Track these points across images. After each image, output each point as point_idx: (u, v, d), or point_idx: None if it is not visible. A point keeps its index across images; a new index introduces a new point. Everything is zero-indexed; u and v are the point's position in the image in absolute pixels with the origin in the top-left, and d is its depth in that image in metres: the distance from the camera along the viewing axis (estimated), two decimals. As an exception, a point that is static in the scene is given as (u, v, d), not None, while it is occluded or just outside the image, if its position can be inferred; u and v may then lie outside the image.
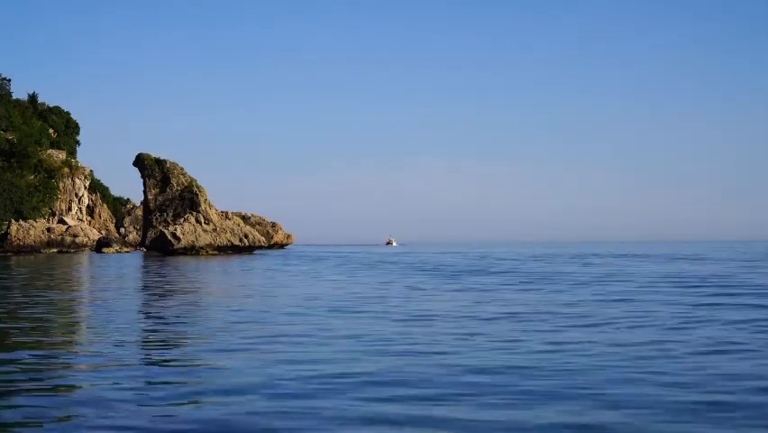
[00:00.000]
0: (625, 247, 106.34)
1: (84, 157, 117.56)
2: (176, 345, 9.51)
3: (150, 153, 72.75)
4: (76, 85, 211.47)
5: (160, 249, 64.30)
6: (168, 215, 69.36)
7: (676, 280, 23.30)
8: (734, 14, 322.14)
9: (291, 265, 39.33)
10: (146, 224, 71.37)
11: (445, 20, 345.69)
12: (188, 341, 9.83)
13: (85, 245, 77.61)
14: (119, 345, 9.48)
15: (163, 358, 8.55)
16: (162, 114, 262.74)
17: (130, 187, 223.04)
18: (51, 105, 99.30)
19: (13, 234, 73.07)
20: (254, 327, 11.21)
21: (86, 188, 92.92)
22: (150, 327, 11.50)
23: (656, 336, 10.15)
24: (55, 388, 6.92)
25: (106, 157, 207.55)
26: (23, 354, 8.77)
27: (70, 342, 9.93)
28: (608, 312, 13.24)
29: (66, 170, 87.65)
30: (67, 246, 76.16)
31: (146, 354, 8.91)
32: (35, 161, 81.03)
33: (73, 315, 13.62)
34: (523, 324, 11.60)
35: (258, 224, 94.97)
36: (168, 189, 70.72)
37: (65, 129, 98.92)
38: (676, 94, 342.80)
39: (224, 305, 14.95)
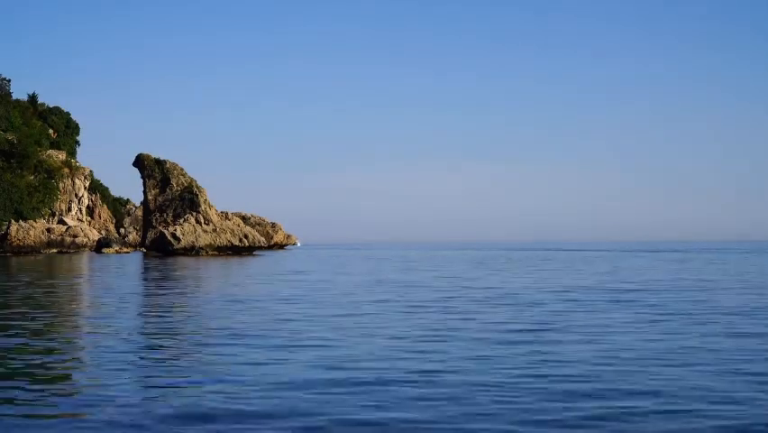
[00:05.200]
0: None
1: (84, 157, 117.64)
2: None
3: (150, 153, 72.69)
4: (76, 85, 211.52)
5: (159, 249, 64.28)
6: (168, 215, 69.29)
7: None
8: (735, 13, 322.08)
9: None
10: (146, 224, 71.31)
11: (444, 20, 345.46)
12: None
13: (85, 246, 77.54)
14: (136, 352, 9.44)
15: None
16: (162, 114, 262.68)
17: (130, 187, 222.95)
18: (51, 106, 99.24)
19: (13, 234, 73.01)
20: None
21: (85, 188, 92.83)
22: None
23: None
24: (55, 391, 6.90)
25: (106, 157, 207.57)
26: (21, 364, 8.73)
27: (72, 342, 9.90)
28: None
29: (66, 170, 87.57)
30: (66, 247, 76.09)
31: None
32: (35, 161, 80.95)
33: (74, 316, 13.60)
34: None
35: (258, 224, 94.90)
36: (168, 190, 70.64)
37: (65, 129, 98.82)
38: (676, 93, 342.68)
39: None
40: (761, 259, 47.73)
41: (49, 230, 76.84)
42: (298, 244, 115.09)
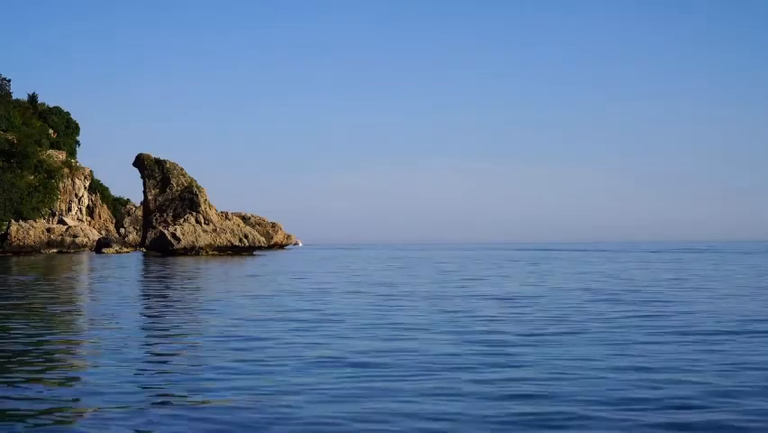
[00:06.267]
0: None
1: (84, 157, 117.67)
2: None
3: (150, 153, 72.71)
4: (75, 85, 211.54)
5: (159, 249, 64.32)
6: (168, 215, 69.31)
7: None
8: (735, 13, 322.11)
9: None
10: (146, 224, 71.34)
11: (444, 19, 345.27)
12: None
13: (84, 246, 77.62)
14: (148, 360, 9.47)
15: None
16: (162, 114, 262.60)
17: (130, 187, 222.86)
18: (51, 106, 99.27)
19: (13, 234, 73.06)
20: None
21: (85, 188, 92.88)
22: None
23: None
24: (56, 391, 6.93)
25: (106, 157, 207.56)
26: (21, 368, 8.77)
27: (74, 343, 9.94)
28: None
29: (66, 170, 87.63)
30: (66, 247, 76.16)
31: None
32: (35, 161, 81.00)
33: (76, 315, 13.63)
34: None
35: (258, 224, 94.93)
36: (167, 190, 70.66)
37: (65, 129, 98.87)
38: (676, 93, 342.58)
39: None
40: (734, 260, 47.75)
41: (49, 230, 76.88)
42: (300, 245, 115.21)
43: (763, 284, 21.67)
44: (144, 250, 70.54)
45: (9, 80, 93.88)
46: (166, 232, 64.00)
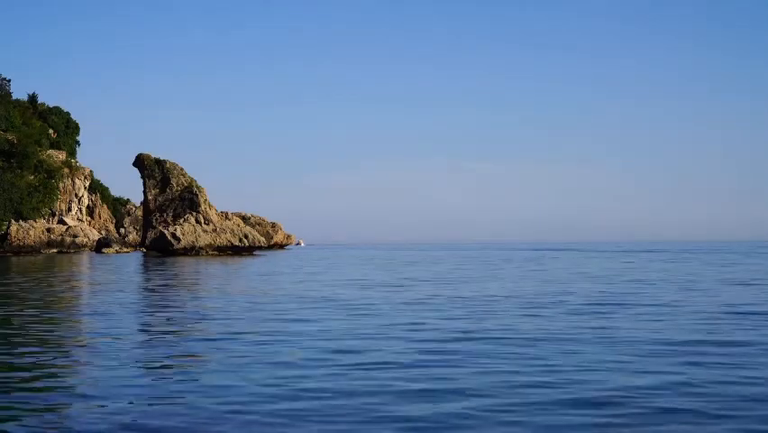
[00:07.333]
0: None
1: (84, 157, 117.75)
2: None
3: (150, 153, 72.69)
4: (76, 85, 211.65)
5: (159, 249, 64.31)
6: (168, 215, 69.29)
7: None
8: (734, 12, 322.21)
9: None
10: (146, 224, 71.32)
11: (444, 19, 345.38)
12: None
13: (84, 246, 77.61)
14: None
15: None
16: (162, 114, 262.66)
17: (130, 187, 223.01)
18: (51, 106, 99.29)
19: (13, 234, 73.05)
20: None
21: (85, 188, 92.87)
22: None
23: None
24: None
25: (106, 157, 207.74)
26: (18, 367, 8.71)
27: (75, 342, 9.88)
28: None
29: (66, 170, 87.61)
30: (66, 247, 76.15)
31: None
32: (35, 161, 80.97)
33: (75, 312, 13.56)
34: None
35: (258, 224, 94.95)
36: (168, 190, 70.64)
37: (65, 129, 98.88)
38: (676, 93, 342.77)
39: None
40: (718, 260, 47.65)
41: (49, 230, 76.88)
42: (302, 245, 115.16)
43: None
44: (144, 250, 70.51)
45: (9, 80, 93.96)
46: (166, 232, 63.98)
